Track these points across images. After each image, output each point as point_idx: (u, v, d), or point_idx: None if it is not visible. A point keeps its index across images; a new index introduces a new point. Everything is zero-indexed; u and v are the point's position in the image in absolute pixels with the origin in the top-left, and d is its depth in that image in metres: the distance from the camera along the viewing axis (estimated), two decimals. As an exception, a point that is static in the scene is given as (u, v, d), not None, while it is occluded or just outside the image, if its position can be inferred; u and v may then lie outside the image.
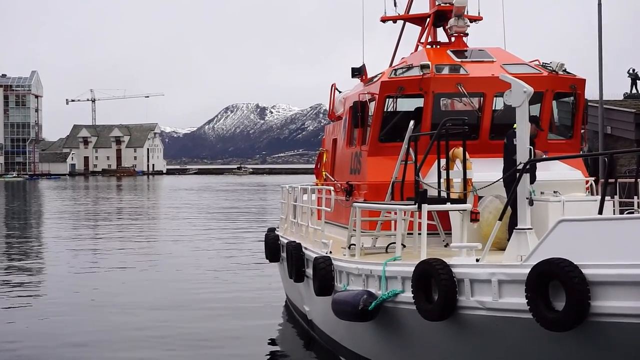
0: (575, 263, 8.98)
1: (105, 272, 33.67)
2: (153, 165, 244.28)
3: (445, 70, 16.74)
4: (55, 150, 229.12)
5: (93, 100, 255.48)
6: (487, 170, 13.77)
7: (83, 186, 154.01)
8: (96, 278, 31.18)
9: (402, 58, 19.46)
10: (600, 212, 10.96)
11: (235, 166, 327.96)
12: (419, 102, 16.64)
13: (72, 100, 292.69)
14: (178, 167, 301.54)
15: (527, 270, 9.52)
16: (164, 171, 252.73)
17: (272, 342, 19.10)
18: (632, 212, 14.83)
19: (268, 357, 17.87)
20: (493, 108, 16.47)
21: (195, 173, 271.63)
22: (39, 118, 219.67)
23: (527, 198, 11.28)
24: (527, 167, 11.21)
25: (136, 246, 46.34)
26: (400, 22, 21.37)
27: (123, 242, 49.55)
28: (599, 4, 26.33)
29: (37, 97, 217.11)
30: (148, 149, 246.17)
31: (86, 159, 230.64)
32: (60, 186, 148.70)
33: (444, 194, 13.63)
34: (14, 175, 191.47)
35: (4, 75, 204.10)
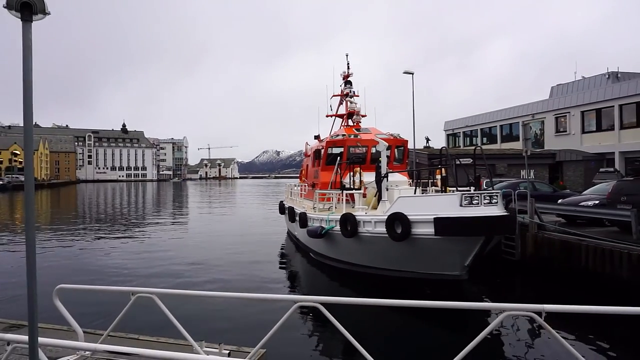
0: (405, 213, 10.38)
1: (216, 218, 33.82)
2: (233, 175, 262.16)
3: (352, 137, 17.11)
4: (193, 169, 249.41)
5: (209, 148, 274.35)
6: (369, 177, 14.06)
7: (205, 183, 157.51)
8: (211, 222, 30.52)
9: (335, 131, 19.91)
10: (414, 193, 12.80)
11: (267, 175, 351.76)
12: (341, 149, 17.03)
13: (200, 149, 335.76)
14: (244, 176, 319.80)
15: (386, 217, 10.77)
16: (238, 177, 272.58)
17: (282, 247, 19.34)
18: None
19: (279, 253, 18.21)
20: (371, 152, 16.84)
21: (251, 178, 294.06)
22: (187, 156, 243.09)
23: (386, 188, 12.55)
24: (385, 175, 12.55)
25: (227, 206, 47.00)
26: (333, 117, 21.62)
27: (221, 204, 50.02)
28: (413, 110, 27.43)
29: (185, 147, 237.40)
30: (232, 168, 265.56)
31: (206, 172, 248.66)
32: (195, 184, 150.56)
33: (352, 186, 14.35)
34: (176, 179, 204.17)
35: (172, 139, 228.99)
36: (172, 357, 3.71)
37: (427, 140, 43.84)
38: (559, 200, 17.18)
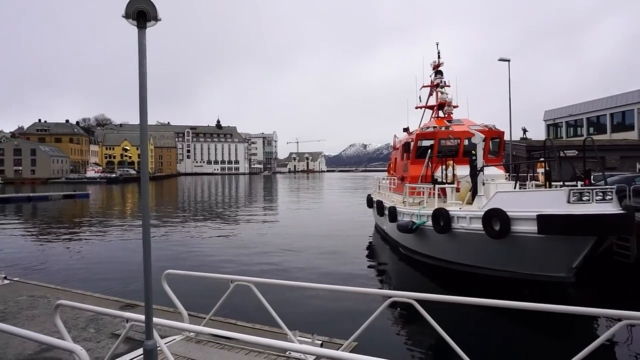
0: (503, 209, 9.88)
1: (305, 210, 34.64)
2: (320, 168, 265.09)
3: (443, 128, 16.80)
4: (282, 162, 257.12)
5: (297, 142, 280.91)
6: (462, 171, 13.95)
7: (293, 176, 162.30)
8: (300, 215, 31.61)
9: (425, 123, 19.56)
10: (514, 188, 12.29)
11: (354, 168, 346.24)
12: (432, 142, 16.77)
13: (288, 143, 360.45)
14: (331, 169, 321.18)
15: (482, 213, 10.36)
16: (325, 170, 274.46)
17: (369, 243, 19.09)
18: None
19: (368, 247, 18.32)
20: (464, 144, 16.42)
21: (338, 171, 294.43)
22: (276, 150, 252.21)
23: (482, 182, 12.02)
24: (481, 169, 12.07)
25: (315, 199, 47.85)
26: (423, 109, 21.31)
27: (310, 197, 51.07)
28: (509, 99, 26.10)
29: (275, 141, 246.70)
30: (319, 162, 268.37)
31: (294, 166, 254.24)
32: (284, 177, 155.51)
33: (444, 180, 14.16)
34: (266, 172, 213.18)
35: (262, 133, 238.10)
36: (270, 344, 3.90)
37: (525, 131, 41.18)
38: (686, 197, 15.22)
